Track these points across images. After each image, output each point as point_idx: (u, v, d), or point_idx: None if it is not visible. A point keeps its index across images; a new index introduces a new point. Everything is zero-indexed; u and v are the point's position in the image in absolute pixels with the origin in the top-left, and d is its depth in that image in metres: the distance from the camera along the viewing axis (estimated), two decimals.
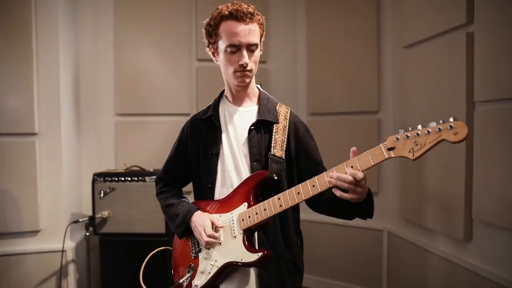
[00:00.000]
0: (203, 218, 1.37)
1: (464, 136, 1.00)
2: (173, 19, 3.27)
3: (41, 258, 2.68)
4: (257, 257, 1.28)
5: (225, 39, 1.34)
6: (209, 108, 1.50)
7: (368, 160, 1.14)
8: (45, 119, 2.67)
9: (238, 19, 1.33)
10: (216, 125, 1.43)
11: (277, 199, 1.27)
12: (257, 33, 1.37)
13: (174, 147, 1.57)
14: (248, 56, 1.33)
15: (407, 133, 1.10)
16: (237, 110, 1.44)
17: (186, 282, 1.40)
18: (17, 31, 2.59)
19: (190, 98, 3.33)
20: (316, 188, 1.22)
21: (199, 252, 1.42)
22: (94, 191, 2.55)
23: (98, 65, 3.22)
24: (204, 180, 1.44)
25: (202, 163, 1.44)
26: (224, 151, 1.41)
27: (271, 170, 1.33)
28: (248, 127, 1.40)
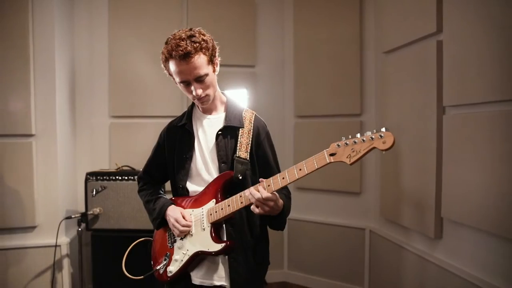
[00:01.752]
0: (175, 212, 1.54)
1: (391, 144, 1.15)
2: (165, 24, 3.41)
3: (38, 253, 2.83)
4: (221, 247, 1.45)
5: (175, 76, 1.47)
6: (183, 116, 1.65)
7: (313, 164, 1.28)
8: (41, 121, 2.82)
9: (179, 59, 1.40)
10: (189, 132, 1.58)
11: (239, 197, 1.43)
12: (202, 62, 1.43)
13: (153, 151, 1.73)
14: (198, 86, 1.45)
15: (346, 140, 1.25)
16: (207, 118, 1.59)
17: (163, 269, 1.56)
18: (14, 35, 2.73)
19: (181, 101, 3.47)
20: (271, 187, 1.37)
21: (174, 242, 1.58)
22: (87, 189, 2.70)
23: (93, 68, 3.36)
24: (179, 180, 1.59)
25: (177, 165, 1.59)
26: (196, 154, 1.56)
27: (236, 171, 1.48)
28: (215, 132, 1.54)
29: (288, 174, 1.34)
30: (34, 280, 2.82)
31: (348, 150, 1.24)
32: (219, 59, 1.55)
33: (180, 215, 1.52)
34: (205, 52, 1.44)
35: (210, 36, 1.51)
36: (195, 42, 1.41)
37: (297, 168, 1.32)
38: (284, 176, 1.35)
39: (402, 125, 2.71)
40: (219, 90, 1.61)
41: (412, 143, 2.57)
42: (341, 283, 3.39)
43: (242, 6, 3.57)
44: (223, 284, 1.51)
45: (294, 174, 1.33)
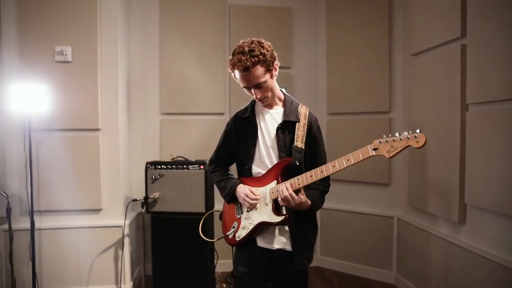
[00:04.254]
0: (244, 189, 1.89)
1: (423, 143, 1.49)
2: (210, 31, 3.78)
3: (102, 232, 3.23)
4: (281, 219, 1.80)
5: (239, 82, 1.81)
6: (246, 109, 1.97)
7: (358, 156, 1.62)
8: (106, 117, 3.22)
9: (242, 70, 1.72)
10: (253, 123, 1.91)
11: (297, 179, 1.76)
12: (260, 73, 1.73)
13: (222, 138, 2.06)
14: (258, 91, 1.78)
15: (386, 138, 1.57)
16: (268, 112, 1.91)
17: (232, 235, 1.92)
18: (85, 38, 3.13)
19: (224, 99, 3.84)
20: (323, 173, 1.70)
21: (241, 213, 1.93)
22: (147, 177, 3.08)
23: (146, 70, 3.77)
24: (244, 163, 1.94)
25: (243, 151, 1.93)
26: (259, 142, 1.89)
27: (294, 158, 1.81)
28: (276, 125, 1.87)
29: (338, 163, 1.66)
30: (99, 256, 3.22)
31: (387, 146, 1.56)
32: (278, 64, 1.85)
33: (249, 191, 1.86)
34: (262, 65, 1.73)
35: (270, 46, 1.81)
36: (254, 56, 1.70)
37: (345, 158, 1.65)
38: (335, 164, 1.67)
39: (428, 121, 2.98)
40: (278, 89, 1.92)
41: (437, 137, 2.83)
42: (371, 268, 3.68)
43: (279, 13, 3.90)
44: (284, 248, 1.85)
45: (343, 163, 1.65)
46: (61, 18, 3.11)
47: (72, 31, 3.12)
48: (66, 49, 3.11)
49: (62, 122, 3.12)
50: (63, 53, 3.11)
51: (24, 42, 3.08)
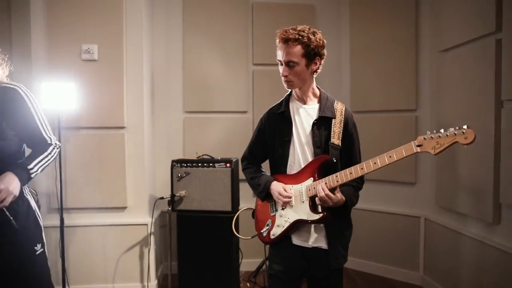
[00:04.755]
0: (278, 186, 1.86)
1: (471, 140, 1.44)
2: (233, 28, 3.77)
3: (127, 230, 3.24)
4: (318, 217, 1.76)
5: (277, 54, 1.80)
6: (281, 104, 1.93)
7: (401, 153, 1.58)
8: (131, 115, 3.23)
9: (282, 42, 1.73)
10: (288, 118, 1.87)
11: (335, 176, 1.72)
12: (296, 52, 1.71)
13: (255, 134, 2.03)
14: (285, 69, 1.75)
15: (431, 134, 1.53)
16: (303, 107, 1.87)
17: (266, 232, 1.89)
18: (109, 37, 3.15)
19: (247, 98, 3.82)
20: (363, 170, 1.66)
21: (276, 211, 1.90)
22: (173, 175, 3.08)
23: (169, 69, 3.77)
24: (278, 159, 1.90)
25: (277, 146, 1.90)
26: (294, 138, 1.85)
27: (331, 155, 1.77)
28: (311, 121, 1.83)
29: (380, 160, 1.62)
30: (125, 254, 3.23)
31: (433, 142, 1.51)
32: (321, 62, 1.81)
33: (283, 189, 1.83)
34: (303, 47, 1.71)
35: (321, 40, 1.78)
36: (300, 35, 1.70)
37: (387, 155, 1.60)
38: (376, 161, 1.63)
39: (458, 119, 2.91)
40: (314, 84, 1.88)
41: None
42: (397, 268, 3.62)
43: (302, 11, 3.86)
44: (320, 246, 1.81)
45: (385, 160, 1.61)
46: (87, 16, 3.13)
47: (98, 30, 3.14)
48: (93, 47, 3.13)
49: (89, 120, 3.14)
50: (90, 51, 3.13)
51: (52, 40, 3.11)
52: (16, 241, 1.62)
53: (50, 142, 1.76)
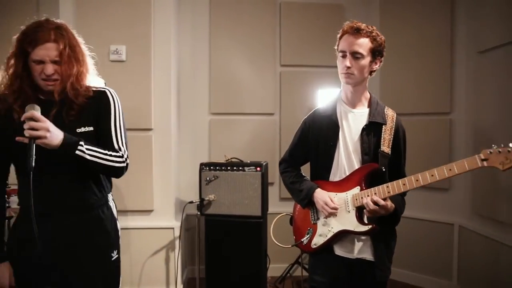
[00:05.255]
0: (323, 195, 1.77)
1: None
2: (260, 29, 3.69)
3: (154, 233, 3.19)
4: (367, 229, 1.68)
5: (339, 47, 1.74)
6: (328, 107, 1.85)
7: (464, 166, 1.48)
8: (159, 117, 3.18)
9: (350, 32, 1.69)
10: (335, 122, 1.78)
11: (386, 187, 1.63)
12: (364, 44, 1.68)
13: (298, 136, 1.94)
14: (351, 60, 1.68)
15: (498, 148, 1.43)
16: (352, 111, 1.79)
17: (306, 241, 1.81)
18: (139, 41, 3.12)
19: (274, 100, 3.74)
20: (419, 182, 1.57)
21: (318, 219, 1.82)
22: (201, 178, 3.02)
23: (195, 70, 3.71)
24: (321, 164, 1.82)
25: (321, 151, 1.81)
26: (340, 144, 1.77)
27: (380, 163, 1.68)
28: (360, 126, 1.74)
29: (438, 172, 1.53)
30: (151, 258, 3.19)
31: (501, 157, 1.42)
32: (379, 64, 1.75)
33: (329, 199, 1.74)
34: (372, 41, 1.68)
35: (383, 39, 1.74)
36: (370, 30, 1.69)
37: (447, 168, 1.51)
38: (433, 173, 1.54)
39: (497, 123, 2.79)
40: (367, 87, 1.81)
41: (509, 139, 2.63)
42: (429, 277, 3.49)
43: (330, 10, 3.77)
44: (365, 257, 1.72)
45: (444, 173, 1.51)
46: (116, 17, 3.09)
47: (126, 31, 3.10)
48: (121, 48, 3.10)
49: None
50: (118, 52, 3.09)
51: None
52: (96, 246, 1.61)
53: (119, 153, 1.59)
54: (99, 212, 1.62)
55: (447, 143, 3.36)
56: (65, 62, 1.48)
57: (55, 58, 1.46)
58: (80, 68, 1.53)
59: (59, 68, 1.48)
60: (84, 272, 1.58)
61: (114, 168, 1.56)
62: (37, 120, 1.38)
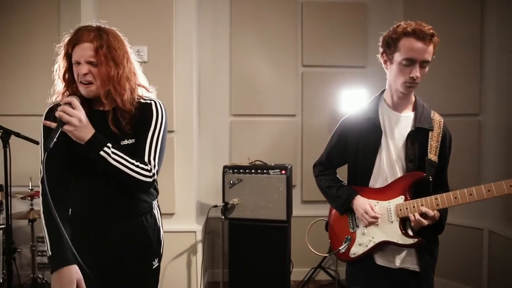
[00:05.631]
0: (364, 203, 1.68)
1: None
2: (282, 28, 3.62)
3: (175, 237, 3.13)
4: (413, 242, 1.59)
5: (402, 53, 1.56)
6: (368, 109, 1.73)
7: (502, 188, 1.43)
8: (181, 118, 3.12)
9: (419, 38, 1.53)
10: (377, 126, 1.68)
11: (434, 199, 1.54)
12: (432, 51, 1.56)
13: (335, 139, 1.84)
14: (420, 70, 1.55)
15: None
16: (396, 115, 1.68)
17: (344, 250, 1.73)
18: (161, 42, 3.07)
19: (296, 101, 3.66)
20: (473, 196, 1.48)
21: (357, 227, 1.73)
22: (224, 181, 2.96)
23: (216, 70, 3.65)
24: (361, 170, 1.73)
25: (361, 156, 1.71)
26: (382, 149, 1.67)
27: (427, 172, 1.59)
28: (405, 131, 1.64)
29: (496, 187, 1.46)
30: (172, 261, 3.13)
31: None
32: None
33: (369, 207, 1.65)
34: (434, 46, 1.57)
35: None
36: (434, 34, 1.55)
37: (485, 188, 1.45)
38: (490, 188, 1.47)
39: None
40: None
41: None
42: (456, 283, 3.39)
43: (354, 9, 3.68)
44: (408, 267, 1.65)
45: (503, 189, 1.45)
46: (137, 18, 3.05)
47: (148, 31, 3.05)
48: (143, 49, 3.05)
49: None
50: (140, 53, 3.04)
51: None
52: (138, 253, 1.57)
53: (148, 167, 1.46)
54: (143, 220, 1.58)
55: (476, 146, 3.25)
56: (101, 63, 1.42)
57: (90, 59, 1.41)
58: (119, 71, 1.45)
59: (95, 70, 1.43)
60: (125, 280, 1.55)
61: (137, 181, 1.44)
62: (74, 107, 1.37)
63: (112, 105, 1.47)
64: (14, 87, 3.44)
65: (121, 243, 1.53)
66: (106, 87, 1.44)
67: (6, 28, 3.46)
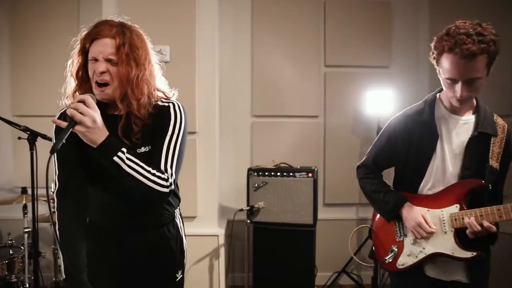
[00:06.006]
0: (416, 214, 1.57)
1: None
2: (304, 27, 3.54)
3: (197, 241, 3.06)
4: (471, 255, 1.49)
5: (444, 70, 1.44)
6: (422, 110, 1.61)
7: None
8: (203, 120, 3.06)
9: (459, 58, 1.36)
10: (433, 129, 1.56)
11: (497, 210, 1.44)
12: (481, 66, 1.38)
13: (384, 141, 1.72)
14: (465, 88, 1.41)
15: None
16: (455, 118, 1.56)
17: (390, 260, 1.64)
18: (184, 42, 3.01)
19: (318, 101, 3.58)
20: None
21: (405, 236, 1.64)
22: (249, 184, 2.89)
23: (237, 69, 3.57)
24: (411, 175, 1.63)
25: (412, 160, 1.62)
26: (437, 155, 1.56)
27: (487, 180, 1.49)
28: (464, 136, 1.53)
29: None
30: (194, 265, 3.07)
31: None
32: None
33: (423, 220, 1.55)
34: (487, 56, 1.38)
35: (498, 35, 1.43)
36: (483, 42, 1.36)
37: None
38: None
39: None
40: None
41: None
42: None
43: (377, 8, 3.60)
44: (460, 279, 1.56)
45: None
46: (159, 17, 2.99)
47: (170, 31, 2.99)
48: (165, 48, 2.99)
49: None
50: (162, 52, 2.98)
51: None
52: (160, 266, 1.48)
53: (165, 175, 1.34)
54: (165, 230, 1.48)
55: None
56: (122, 62, 1.28)
57: (110, 56, 1.28)
58: (139, 73, 1.32)
59: (113, 69, 1.29)
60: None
61: (152, 191, 1.29)
62: (88, 106, 1.23)
63: (127, 109, 1.34)
64: (35, 88, 3.39)
65: (142, 255, 1.44)
66: (123, 89, 1.31)
67: (26, 28, 3.41)
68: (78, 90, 1.37)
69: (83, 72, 1.35)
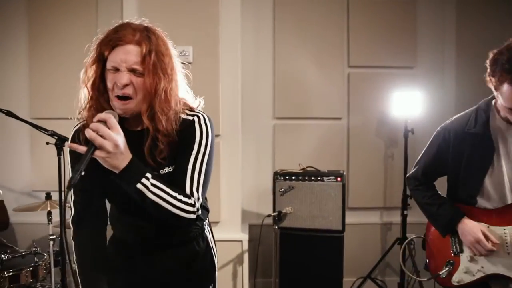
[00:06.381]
0: (475, 230, 1.50)
1: None
2: (327, 29, 3.45)
3: (220, 246, 2.98)
4: None
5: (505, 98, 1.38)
6: (475, 121, 1.55)
7: None
8: (227, 122, 3.00)
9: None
10: (489, 143, 1.49)
11: None
12: None
13: (433, 152, 1.66)
14: None
15: None
16: None
17: (445, 275, 1.56)
18: (208, 44, 2.96)
19: (342, 103, 3.50)
20: None
21: (461, 252, 1.56)
22: (275, 188, 2.81)
23: (258, 70, 3.49)
24: (465, 188, 1.56)
25: (466, 173, 1.55)
26: (494, 169, 1.49)
27: None
28: None
29: None
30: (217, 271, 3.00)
31: None
32: None
33: (483, 237, 1.47)
34: None
35: None
36: None
37: None
38: None
39: None
40: None
41: None
42: None
43: (402, 7, 3.51)
44: None
45: None
46: (181, 17, 2.93)
47: (192, 31, 2.94)
48: (188, 49, 2.93)
49: None
50: (185, 53, 2.92)
51: None
52: (190, 282, 1.40)
53: (191, 200, 1.20)
54: (194, 245, 1.39)
55: None
56: (148, 73, 1.12)
57: (134, 66, 1.12)
58: (167, 85, 1.17)
59: (138, 80, 1.13)
60: None
61: (178, 218, 1.18)
62: (110, 127, 1.07)
63: (153, 125, 1.18)
64: (53, 90, 3.33)
65: (171, 272, 1.36)
66: (148, 103, 1.16)
67: (44, 30, 3.35)
68: (94, 104, 1.20)
69: (99, 83, 1.18)
